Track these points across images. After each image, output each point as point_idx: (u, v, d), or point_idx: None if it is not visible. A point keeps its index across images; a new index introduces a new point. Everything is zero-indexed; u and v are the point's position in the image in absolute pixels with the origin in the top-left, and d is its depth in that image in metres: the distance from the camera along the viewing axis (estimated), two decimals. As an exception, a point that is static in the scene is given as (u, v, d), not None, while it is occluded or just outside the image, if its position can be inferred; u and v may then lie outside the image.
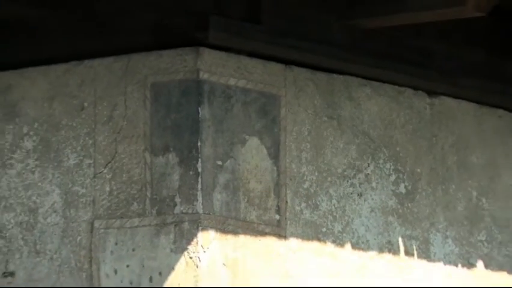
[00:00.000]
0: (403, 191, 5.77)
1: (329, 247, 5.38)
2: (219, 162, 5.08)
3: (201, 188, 5.00)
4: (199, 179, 5.01)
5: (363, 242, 5.53)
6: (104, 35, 5.13)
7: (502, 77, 5.95)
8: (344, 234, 5.44)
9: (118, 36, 5.11)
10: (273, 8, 5.07)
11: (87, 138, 5.22)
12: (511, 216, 6.03)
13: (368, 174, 5.55)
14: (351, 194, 5.48)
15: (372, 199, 5.63)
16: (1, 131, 5.45)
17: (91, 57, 5.23)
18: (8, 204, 5.40)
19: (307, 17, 5.23)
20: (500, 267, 6.04)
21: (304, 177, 5.35)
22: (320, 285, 5.59)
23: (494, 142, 6.12)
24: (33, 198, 5.31)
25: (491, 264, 5.84)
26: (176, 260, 4.98)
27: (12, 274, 5.36)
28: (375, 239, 5.62)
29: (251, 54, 5.18)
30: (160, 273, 5.03)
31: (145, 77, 5.12)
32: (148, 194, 5.10)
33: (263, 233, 5.17)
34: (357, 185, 5.55)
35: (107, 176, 5.22)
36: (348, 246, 5.48)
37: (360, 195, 5.55)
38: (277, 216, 5.22)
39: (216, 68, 5.08)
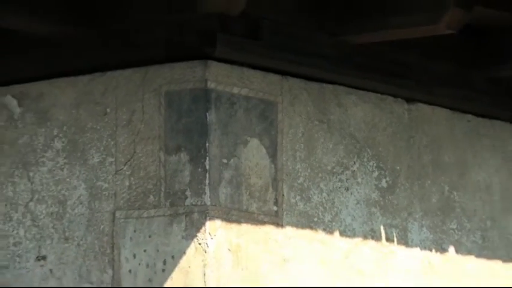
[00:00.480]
0: (384, 185, 5.76)
1: (320, 234, 5.38)
2: (224, 160, 5.09)
3: (209, 183, 5.01)
4: (207, 175, 5.02)
5: (349, 230, 5.52)
6: (125, 50, 5.14)
7: (470, 87, 5.91)
8: (333, 223, 5.44)
9: (137, 50, 5.11)
10: (270, 27, 5.13)
11: (109, 140, 5.24)
12: (478, 207, 6.02)
13: (354, 171, 5.55)
14: (339, 188, 5.48)
15: (358, 192, 5.62)
16: (34, 133, 5.44)
17: (113, 69, 5.22)
18: (41, 197, 5.39)
19: (300, 34, 5.26)
20: (468, 252, 5.99)
21: (299, 174, 5.35)
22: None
23: (463, 143, 6.09)
24: (62, 191, 5.31)
25: (460, 249, 5.81)
26: (187, 246, 4.98)
27: (44, 258, 5.32)
28: (360, 227, 5.60)
29: (252, 66, 5.18)
30: (172, 257, 5.03)
31: (160, 86, 5.13)
32: (163, 188, 5.11)
33: (262, 222, 5.17)
34: (345, 180, 5.55)
35: (127, 173, 5.22)
36: (336, 233, 5.46)
37: (347, 189, 5.53)
38: (275, 208, 5.21)
39: (221, 78, 5.08)
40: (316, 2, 5.26)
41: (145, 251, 5.12)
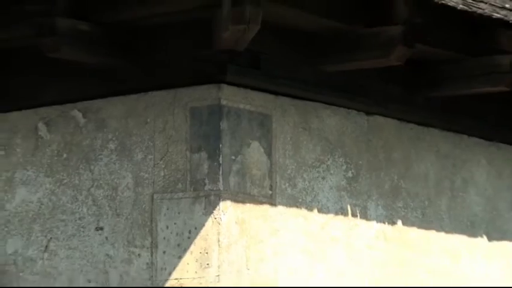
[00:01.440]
0: (350, 175, 5.78)
1: (303, 211, 5.46)
2: (233, 157, 5.16)
3: (221, 174, 5.09)
4: (220, 168, 5.10)
5: (325, 208, 5.56)
6: (160, 76, 5.28)
7: (413, 103, 6.02)
8: (313, 203, 5.51)
9: (169, 77, 5.27)
10: (266, 59, 5.22)
11: (149, 142, 5.35)
12: (419, 191, 6.08)
13: (328, 165, 5.61)
14: (317, 177, 5.56)
15: (331, 181, 5.66)
16: (94, 137, 5.49)
17: (152, 90, 5.36)
18: (99, 184, 5.47)
19: (289, 64, 5.35)
20: (412, 224, 6.02)
21: (287, 167, 5.41)
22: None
23: (408, 145, 6.15)
24: (115, 180, 5.42)
25: (406, 222, 5.81)
26: (206, 220, 5.06)
27: (101, 228, 5.40)
28: (332, 206, 5.64)
29: (253, 88, 5.29)
30: (195, 228, 5.09)
31: (186, 103, 5.20)
32: (188, 177, 5.18)
33: (261, 202, 5.25)
34: (321, 172, 5.60)
35: (162, 166, 5.29)
36: (315, 211, 5.52)
37: (323, 178, 5.57)
38: (270, 192, 5.29)
39: (231, 97, 5.17)
40: (301, 41, 5.36)
41: (175, 223, 5.19)
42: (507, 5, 5.73)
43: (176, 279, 5.14)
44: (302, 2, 4.96)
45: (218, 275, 5.08)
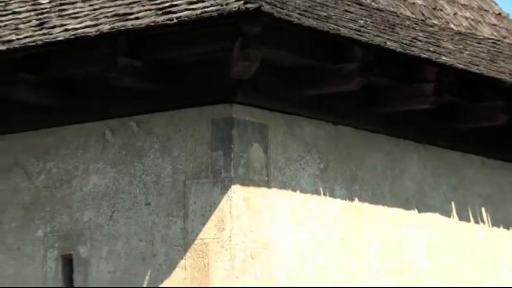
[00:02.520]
0: (322, 167, 5.73)
1: (289, 192, 5.46)
2: (241, 154, 5.14)
3: (233, 166, 5.08)
4: (232, 162, 5.09)
5: (304, 190, 5.56)
6: (190, 99, 5.26)
7: (366, 117, 6.01)
8: (296, 187, 5.50)
9: (196, 98, 5.26)
10: (264, 85, 5.18)
11: (183, 144, 5.33)
12: (370, 178, 6.00)
13: (307, 159, 5.59)
14: (299, 168, 5.55)
15: (309, 171, 5.64)
16: (144, 140, 5.45)
17: (184, 108, 5.32)
18: (147, 173, 5.42)
19: (279, 90, 5.32)
20: (365, 201, 5.96)
21: (278, 161, 5.37)
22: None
23: (362, 146, 6.07)
24: (159, 170, 5.40)
25: (361, 200, 5.82)
26: (221, 198, 5.08)
27: (149, 204, 5.39)
28: (310, 188, 5.61)
29: (254, 106, 5.27)
30: (214, 203, 5.06)
31: (208, 117, 5.19)
32: (209, 168, 5.16)
33: (260, 186, 5.23)
34: (302, 164, 5.57)
35: (191, 160, 5.27)
36: (298, 192, 5.52)
37: (303, 169, 5.53)
38: (266, 178, 5.26)
39: (239, 112, 5.16)
40: (287, 73, 5.33)
41: (200, 200, 5.19)
42: (431, 49, 5.79)
43: (201, 239, 5.15)
44: (287, 47, 5.00)
45: (230, 236, 5.07)
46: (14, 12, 5.90)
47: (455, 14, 7.14)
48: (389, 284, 5.79)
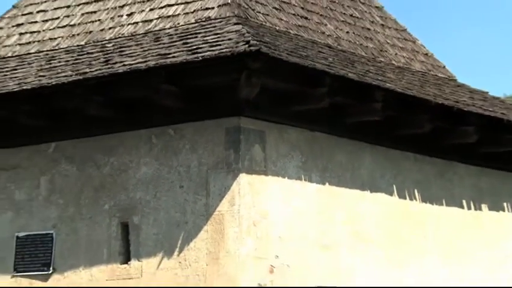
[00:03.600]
0: (303, 160, 5.50)
1: (280, 178, 5.28)
2: (246, 152, 5.05)
3: (240, 160, 4.98)
4: (240, 158, 4.98)
5: (290, 177, 5.35)
6: (210, 112, 5.11)
7: (333, 125, 5.79)
8: (285, 175, 5.33)
9: (215, 113, 5.12)
10: (262, 104, 5.07)
11: (205, 145, 5.18)
12: (337, 168, 5.75)
13: (292, 155, 5.41)
14: (287, 162, 5.36)
15: (293, 163, 5.47)
16: (178, 142, 5.28)
17: (206, 119, 5.19)
18: (181, 164, 5.26)
19: (273, 107, 5.20)
20: (332, 185, 5.77)
21: (273, 157, 5.25)
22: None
23: (331, 146, 5.80)
24: (189, 162, 5.25)
25: (330, 184, 5.58)
26: (232, 183, 4.97)
27: (182, 186, 5.27)
28: (294, 176, 5.41)
29: (256, 118, 5.18)
30: (227, 187, 4.97)
31: (223, 126, 5.08)
32: (224, 162, 5.03)
33: (259, 174, 5.10)
34: (289, 159, 5.40)
35: (212, 156, 5.11)
36: (286, 178, 5.35)
37: (289, 162, 5.40)
38: (264, 169, 5.14)
39: (245, 122, 5.07)
40: (279, 95, 5.19)
41: (217, 184, 5.07)
42: (379, 78, 5.77)
43: (218, 211, 5.03)
44: (278, 77, 4.92)
45: (238, 209, 4.95)
46: (88, 53, 5.94)
47: (395, 54, 7.18)
48: (349, 242, 5.68)
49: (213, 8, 5.70)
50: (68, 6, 6.56)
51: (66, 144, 5.73)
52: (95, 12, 6.42)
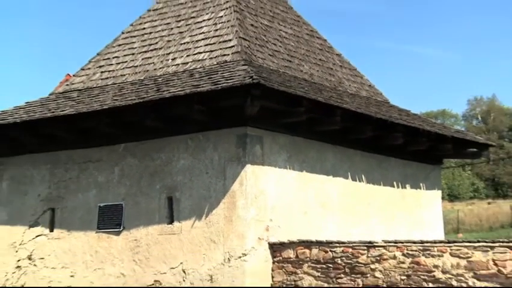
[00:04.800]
0: (288, 155, 5.21)
1: (272, 167, 5.02)
2: (251, 150, 4.82)
3: (246, 155, 4.78)
4: (246, 153, 4.79)
5: (280, 167, 5.10)
6: (225, 124, 4.88)
7: (307, 133, 5.40)
8: (276, 165, 5.06)
9: (228, 124, 4.87)
10: (261, 118, 4.80)
11: (224, 145, 4.92)
12: (310, 160, 5.41)
13: (281, 153, 5.17)
14: (278, 157, 5.08)
15: (282, 157, 5.15)
16: (204, 143, 5.04)
17: (222, 128, 4.92)
18: (206, 159, 5.03)
19: (268, 120, 4.93)
20: (307, 172, 5.39)
21: (268, 153, 5.01)
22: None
23: (306, 147, 5.52)
24: (212, 157, 5.01)
25: (307, 171, 5.32)
26: (241, 170, 4.76)
27: (208, 172, 4.99)
28: (282, 165, 5.10)
29: (257, 127, 4.92)
30: (237, 174, 4.76)
31: (234, 133, 4.86)
32: (235, 156, 4.81)
33: (259, 164, 4.89)
34: (279, 154, 5.10)
35: (227, 152, 4.85)
36: (277, 167, 5.08)
37: (279, 156, 5.09)
38: (262, 161, 4.93)
39: (250, 131, 4.84)
40: (273, 112, 4.84)
41: (232, 171, 4.84)
42: (338, 101, 5.53)
43: (232, 190, 4.81)
44: (272, 100, 4.68)
45: (246, 189, 4.77)
46: (145, 84, 5.72)
47: (349, 85, 7.12)
48: (318, 210, 5.42)
49: (228, 54, 5.64)
50: (133, 54, 6.61)
51: (131, 145, 5.65)
52: (150, 57, 6.45)
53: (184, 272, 4.95)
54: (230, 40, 5.65)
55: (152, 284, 5.06)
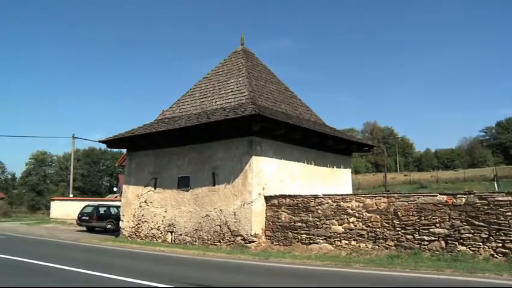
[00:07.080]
0: (281, 153, 5.61)
1: (267, 158, 5.05)
2: (254, 149, 4.97)
3: (252, 152, 4.84)
4: (252, 151, 4.79)
5: (272, 157, 5.03)
6: (241, 136, 4.87)
7: (289, 141, 5.76)
8: (271, 157, 5.13)
9: (242, 135, 5.01)
10: (261, 132, 4.83)
11: (241, 148, 4.99)
12: (288, 156, 5.70)
13: (275, 150, 5.17)
14: (270, 152, 5.28)
15: (272, 152, 5.44)
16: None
17: (239, 137, 5.02)
18: (232, 157, 5.09)
19: (265, 133, 5.03)
20: (286, 160, 5.83)
21: (264, 150, 5.16)
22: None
23: (290, 150, 5.87)
24: (234, 154, 5.11)
25: (285, 160, 5.07)
26: (250, 159, 4.76)
27: (232, 160, 5.34)
28: (273, 156, 5.31)
29: (259, 136, 4.97)
30: (248, 161, 4.84)
31: (246, 140, 4.93)
32: (247, 152, 4.96)
33: (259, 155, 4.84)
34: (271, 151, 5.34)
35: (242, 150, 4.87)
36: (272, 159, 5.25)
37: (274, 153, 5.48)
38: (261, 154, 4.90)
39: (254, 139, 4.92)
40: (267, 130, 5.04)
41: (245, 160, 5.03)
42: (302, 125, 5.88)
43: (245, 169, 5.02)
44: (267, 123, 4.71)
45: (252, 168, 5.10)
46: (200, 114, 6.31)
47: (305, 115, 7.13)
48: (290, 179, 5.54)
49: (243, 99, 6.49)
50: (195, 100, 7.53)
51: (194, 146, 6.38)
52: (203, 101, 7.42)
53: (220, 210, 5.96)
54: (244, 92, 6.51)
55: (205, 216, 5.92)
